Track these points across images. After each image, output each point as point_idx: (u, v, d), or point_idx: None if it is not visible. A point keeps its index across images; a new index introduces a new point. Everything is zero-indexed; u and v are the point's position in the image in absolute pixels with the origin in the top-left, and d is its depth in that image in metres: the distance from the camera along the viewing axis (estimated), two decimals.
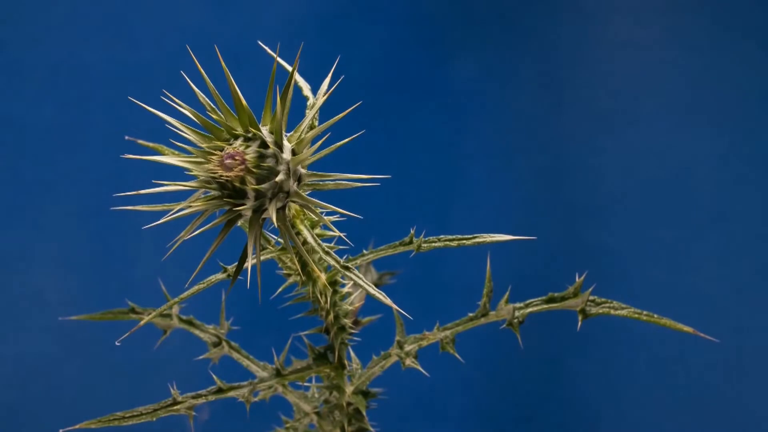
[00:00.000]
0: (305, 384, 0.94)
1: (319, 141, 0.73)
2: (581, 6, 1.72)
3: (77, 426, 0.80)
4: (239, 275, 0.75)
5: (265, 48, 0.84)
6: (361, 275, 0.76)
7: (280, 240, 0.81)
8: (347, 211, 0.74)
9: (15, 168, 1.65)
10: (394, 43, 1.73)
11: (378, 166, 1.67)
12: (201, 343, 0.95)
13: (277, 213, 0.73)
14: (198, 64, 0.72)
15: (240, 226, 0.79)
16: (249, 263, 0.71)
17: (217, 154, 0.70)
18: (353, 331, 0.91)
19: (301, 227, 0.76)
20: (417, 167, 1.71)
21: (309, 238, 0.76)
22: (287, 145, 0.73)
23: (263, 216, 0.72)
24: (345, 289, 0.89)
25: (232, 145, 0.71)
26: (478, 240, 0.83)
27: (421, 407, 1.66)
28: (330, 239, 0.82)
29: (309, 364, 0.91)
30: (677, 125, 1.70)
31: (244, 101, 0.71)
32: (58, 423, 0.80)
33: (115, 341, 0.80)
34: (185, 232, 0.71)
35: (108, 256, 1.65)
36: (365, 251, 0.86)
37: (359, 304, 0.94)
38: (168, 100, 0.73)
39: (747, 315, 1.65)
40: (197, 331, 0.95)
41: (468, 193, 1.71)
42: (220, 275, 0.80)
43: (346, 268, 0.77)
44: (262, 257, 0.75)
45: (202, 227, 0.72)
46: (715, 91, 1.70)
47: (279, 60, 0.78)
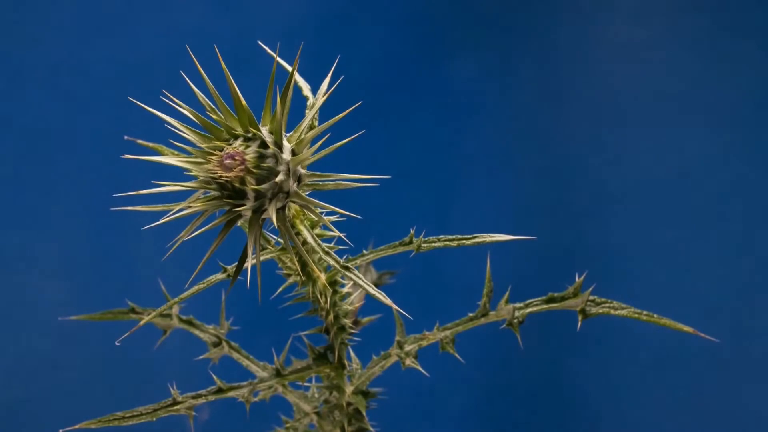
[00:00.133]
0: (305, 384, 0.94)
1: (319, 141, 0.73)
2: (581, 6, 1.72)
3: (77, 426, 0.80)
4: (239, 275, 0.75)
5: (265, 48, 0.84)
6: (361, 275, 0.76)
7: (279, 240, 0.81)
8: (347, 212, 0.74)
9: (15, 168, 1.65)
10: (394, 43, 1.73)
11: (378, 166, 1.67)
12: (201, 343, 0.95)
13: (277, 213, 0.73)
14: (198, 64, 0.72)
15: (240, 226, 0.79)
16: (249, 263, 0.71)
17: (217, 154, 0.70)
18: (353, 331, 0.91)
19: (301, 227, 0.76)
20: (417, 167, 1.71)
21: (309, 238, 0.76)
22: (287, 146, 0.73)
23: (263, 216, 0.72)
24: (345, 289, 0.89)
25: (231, 146, 0.71)
26: (477, 240, 0.83)
27: (421, 407, 1.66)
28: (330, 239, 0.82)
29: (309, 364, 0.91)
30: (677, 125, 1.70)
31: (243, 101, 0.71)
32: (58, 423, 0.80)
33: (115, 341, 0.80)
34: (185, 232, 0.71)
35: (108, 256, 1.65)
36: (365, 251, 0.86)
37: (359, 304, 0.94)
38: (168, 100, 0.73)
39: (747, 315, 1.64)
40: (197, 331, 0.95)
41: (468, 193, 1.71)
42: (220, 275, 0.80)
43: (345, 268, 0.77)
44: (262, 257, 0.75)
45: (201, 228, 0.72)
46: (715, 91, 1.69)
47: (279, 60, 0.78)
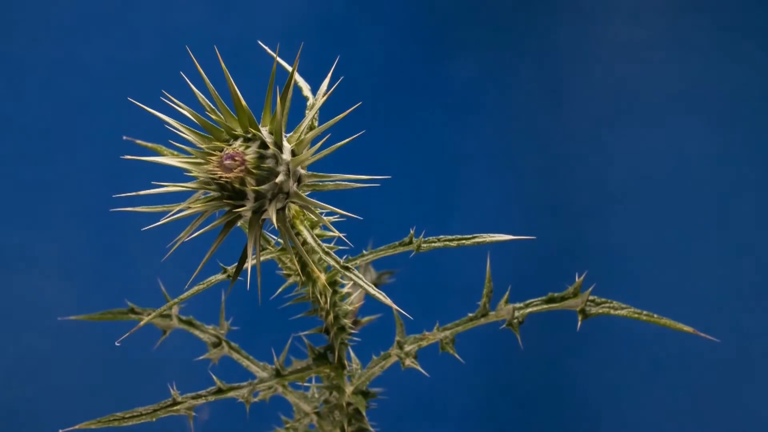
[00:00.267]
0: (305, 384, 0.94)
1: (319, 142, 0.73)
2: (581, 6, 1.72)
3: (77, 426, 0.80)
4: (239, 276, 0.75)
5: (265, 48, 0.84)
6: (361, 275, 0.76)
7: (279, 240, 0.81)
8: (347, 213, 0.73)
9: (15, 168, 1.65)
10: (394, 43, 1.73)
11: (378, 165, 1.67)
12: (201, 344, 0.95)
13: (277, 214, 0.73)
14: (197, 64, 0.72)
15: (240, 226, 0.79)
16: (249, 264, 0.71)
17: (217, 155, 0.70)
18: (353, 332, 0.91)
19: (301, 228, 0.76)
20: (417, 167, 1.71)
21: (309, 238, 0.76)
22: (287, 146, 0.72)
23: (263, 217, 0.72)
24: (345, 290, 0.89)
25: (231, 146, 0.71)
26: (477, 240, 0.83)
27: (421, 407, 1.66)
28: (330, 239, 0.82)
29: (309, 364, 0.91)
30: (677, 125, 1.70)
31: (243, 102, 0.71)
32: (57, 423, 0.80)
33: (115, 342, 0.80)
34: (185, 233, 0.71)
35: (108, 256, 1.65)
36: (365, 251, 0.86)
37: (359, 304, 0.94)
38: (167, 100, 0.73)
39: (747, 315, 1.64)
40: (197, 332, 0.95)
41: (468, 193, 1.71)
42: (220, 276, 0.80)
43: (346, 268, 0.77)
44: (261, 258, 0.75)
45: (201, 228, 0.72)
46: (715, 91, 1.69)
47: (279, 60, 0.78)
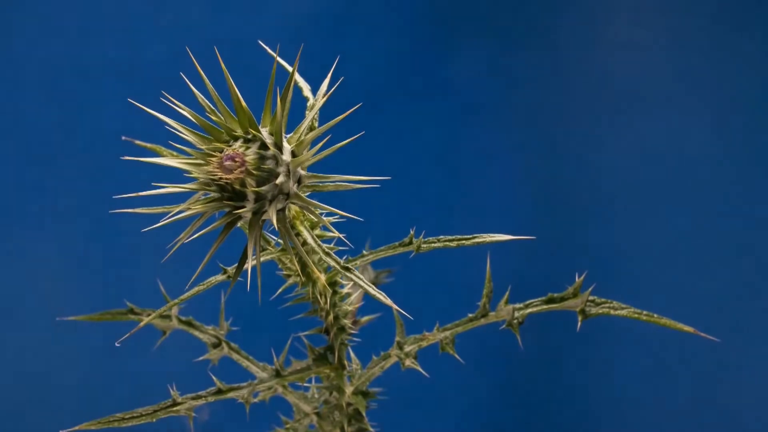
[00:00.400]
0: (305, 385, 0.94)
1: (320, 143, 0.72)
2: (581, 6, 1.72)
3: (77, 427, 0.80)
4: (239, 276, 0.75)
5: (265, 48, 0.84)
6: (361, 276, 0.76)
7: (279, 241, 0.81)
8: (348, 214, 0.73)
9: (15, 168, 1.65)
10: (394, 43, 1.73)
11: (378, 165, 1.67)
12: (200, 344, 0.95)
13: (277, 215, 0.73)
14: (197, 65, 0.72)
15: (240, 227, 0.79)
16: (249, 264, 0.71)
17: (217, 155, 0.70)
18: (353, 332, 0.91)
19: (301, 228, 0.76)
20: (417, 167, 1.71)
21: (309, 239, 0.76)
22: (287, 147, 0.72)
23: (263, 218, 0.72)
24: (345, 290, 0.89)
25: (231, 147, 0.71)
26: (477, 240, 0.83)
27: (421, 408, 1.66)
28: (330, 240, 0.82)
29: (309, 364, 0.91)
30: (677, 125, 1.70)
31: (243, 103, 0.71)
32: (57, 424, 0.80)
33: (115, 342, 0.80)
34: (184, 234, 0.71)
35: (108, 256, 1.65)
36: (365, 252, 0.86)
37: (358, 304, 0.94)
38: (167, 101, 0.73)
39: (747, 315, 1.64)
40: (197, 332, 0.95)
41: (468, 193, 1.71)
42: (220, 276, 0.80)
43: (346, 269, 0.76)
44: (261, 258, 0.75)
45: (201, 230, 0.72)
46: (715, 91, 1.69)
47: (279, 60, 0.78)
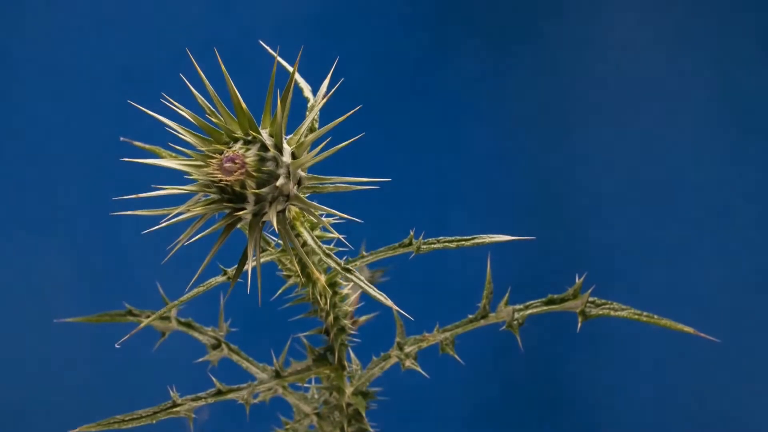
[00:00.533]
0: (305, 385, 0.94)
1: (320, 145, 0.72)
2: (581, 6, 1.72)
3: (77, 430, 0.80)
4: (239, 277, 0.75)
5: (266, 47, 0.84)
6: (362, 277, 0.76)
7: (279, 242, 0.81)
8: (348, 215, 0.73)
9: (15, 168, 1.65)
10: (394, 44, 1.73)
11: (378, 166, 1.67)
12: (200, 346, 0.95)
13: (277, 216, 0.73)
14: (197, 66, 0.72)
15: (239, 228, 0.79)
16: (249, 266, 0.71)
17: (217, 157, 0.70)
18: (352, 332, 0.91)
19: (301, 229, 0.76)
20: (417, 167, 1.71)
21: (309, 240, 0.76)
22: (287, 148, 0.72)
23: (263, 219, 0.72)
24: (345, 291, 0.89)
25: (231, 149, 0.71)
26: (477, 241, 0.83)
27: (421, 409, 1.66)
28: (330, 241, 0.82)
29: (309, 365, 0.91)
30: (677, 125, 1.70)
31: (243, 105, 0.70)
32: (57, 426, 0.80)
33: (115, 344, 0.80)
34: (184, 235, 0.70)
35: (108, 257, 1.65)
36: (365, 253, 0.86)
37: (356, 306, 0.94)
38: (167, 102, 0.72)
39: (747, 315, 1.64)
40: (196, 334, 0.95)
41: (468, 194, 1.71)
42: (219, 278, 0.80)
43: (347, 270, 0.76)
44: (261, 259, 0.75)
45: (201, 232, 0.71)
46: (715, 91, 1.69)
47: (279, 60, 0.78)
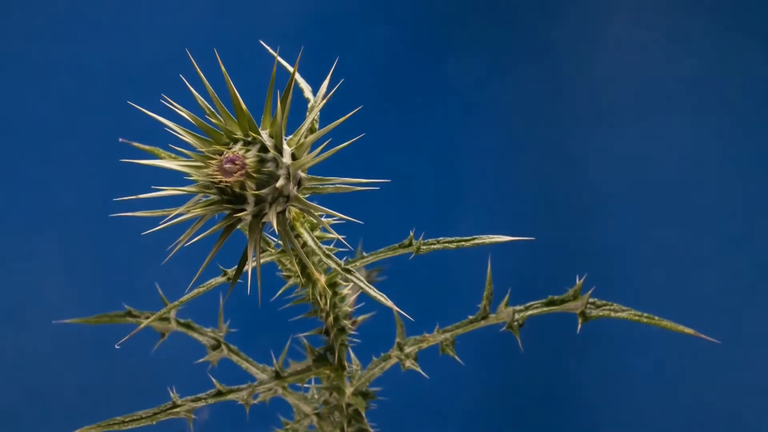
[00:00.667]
0: (305, 386, 0.94)
1: (320, 146, 0.72)
2: (581, 6, 1.72)
3: (77, 431, 0.80)
4: (239, 278, 0.75)
5: (267, 47, 0.84)
6: (362, 278, 0.76)
7: (279, 242, 0.81)
8: (348, 216, 0.73)
9: (15, 168, 1.65)
10: (394, 44, 1.73)
11: (378, 166, 1.66)
12: (200, 346, 0.95)
13: (277, 217, 0.73)
14: (197, 67, 0.72)
15: (239, 228, 0.79)
16: (249, 266, 0.71)
17: (217, 158, 0.70)
18: (351, 332, 0.91)
19: (301, 230, 0.76)
20: (417, 168, 1.71)
21: (309, 241, 0.76)
22: (287, 149, 0.72)
23: (263, 220, 0.71)
24: (344, 291, 0.89)
25: (231, 150, 0.71)
26: (476, 241, 0.83)
27: (421, 409, 1.66)
28: (329, 241, 0.82)
29: (309, 365, 0.91)
30: (677, 125, 1.69)
31: (243, 106, 0.70)
32: (57, 426, 0.80)
33: (115, 345, 0.80)
34: (184, 236, 0.70)
35: (108, 258, 1.65)
36: (365, 253, 0.86)
37: (354, 308, 0.94)
38: (167, 103, 0.72)
39: (747, 315, 1.64)
40: (196, 334, 0.95)
41: (468, 194, 1.71)
42: (219, 278, 0.80)
43: (347, 271, 0.76)
44: (261, 260, 0.75)
45: (201, 233, 0.71)
46: (716, 91, 1.69)
47: (279, 59, 0.78)
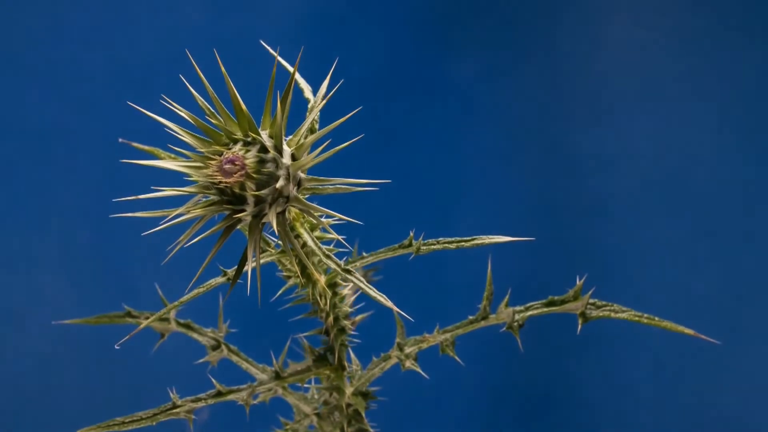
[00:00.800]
0: (305, 386, 0.94)
1: (320, 147, 0.72)
2: (581, 6, 1.72)
3: None
4: (239, 278, 0.75)
5: (267, 47, 0.84)
6: (362, 278, 0.76)
7: (279, 242, 0.81)
8: (347, 217, 0.73)
9: (15, 168, 1.65)
10: (394, 44, 1.73)
11: (378, 166, 1.67)
12: (200, 347, 0.95)
13: (277, 218, 0.73)
14: (197, 68, 0.72)
15: (239, 229, 0.79)
16: (249, 267, 0.71)
17: (216, 159, 0.70)
18: (351, 332, 0.91)
19: (301, 230, 0.76)
20: (417, 168, 1.71)
21: (309, 241, 0.76)
22: (287, 150, 0.72)
23: (263, 221, 0.71)
24: (344, 291, 0.89)
25: (231, 150, 0.70)
26: (476, 242, 0.83)
27: (421, 409, 1.66)
28: (329, 241, 0.82)
29: (309, 365, 0.91)
30: (677, 125, 1.69)
31: (243, 106, 0.70)
32: (57, 427, 0.80)
33: (115, 345, 0.80)
34: (184, 236, 0.70)
35: (108, 258, 1.65)
36: (365, 254, 0.86)
37: (351, 309, 0.94)
38: (167, 103, 0.72)
39: (747, 315, 1.64)
40: (195, 335, 0.95)
41: (468, 194, 1.71)
42: (219, 279, 0.80)
43: (347, 271, 0.76)
44: (261, 260, 0.75)
45: (201, 234, 0.71)
46: (716, 91, 1.69)
47: (279, 59, 0.78)
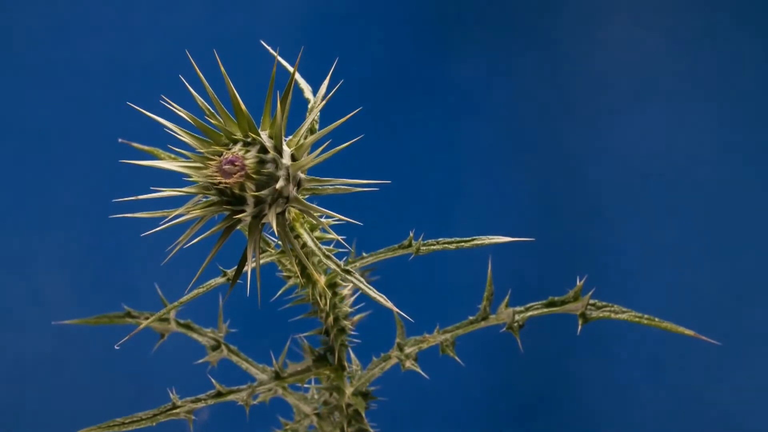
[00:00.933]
0: (305, 386, 0.94)
1: (320, 147, 0.72)
2: (581, 6, 1.72)
3: None
4: (238, 279, 0.75)
5: (267, 47, 0.84)
6: (362, 278, 0.76)
7: (279, 243, 0.81)
8: (347, 218, 0.73)
9: (15, 168, 1.65)
10: (394, 44, 1.73)
11: (378, 166, 1.66)
12: (200, 347, 0.95)
13: (277, 218, 0.73)
14: (197, 68, 0.71)
15: (239, 229, 0.79)
16: (249, 267, 0.71)
17: (216, 159, 0.70)
18: (351, 332, 0.91)
19: (301, 231, 0.76)
20: (417, 168, 1.71)
21: (309, 241, 0.76)
22: (287, 150, 0.72)
23: (263, 221, 0.71)
24: (344, 291, 0.89)
25: (231, 150, 0.70)
26: (476, 242, 0.83)
27: (421, 409, 1.66)
28: (329, 242, 0.82)
29: (309, 366, 0.91)
30: (677, 125, 1.69)
31: (243, 107, 0.70)
32: (57, 428, 0.80)
33: (114, 345, 0.80)
34: (184, 237, 0.70)
35: (108, 258, 1.65)
36: (364, 254, 0.86)
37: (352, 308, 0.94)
38: (166, 103, 0.72)
39: (747, 315, 1.64)
40: (195, 335, 0.95)
41: (468, 194, 1.71)
42: (219, 279, 0.80)
43: (347, 272, 0.76)
44: (261, 261, 0.75)
45: (201, 234, 0.71)
46: (716, 91, 1.69)
47: (279, 59, 0.77)
